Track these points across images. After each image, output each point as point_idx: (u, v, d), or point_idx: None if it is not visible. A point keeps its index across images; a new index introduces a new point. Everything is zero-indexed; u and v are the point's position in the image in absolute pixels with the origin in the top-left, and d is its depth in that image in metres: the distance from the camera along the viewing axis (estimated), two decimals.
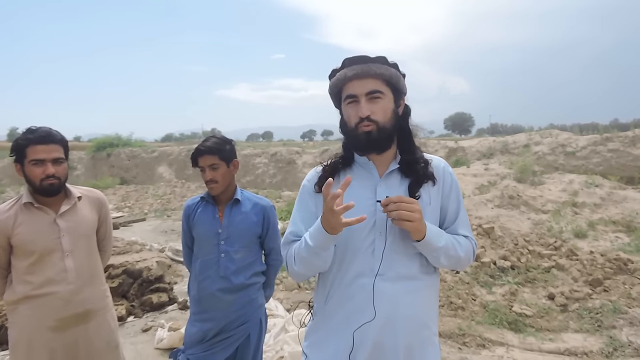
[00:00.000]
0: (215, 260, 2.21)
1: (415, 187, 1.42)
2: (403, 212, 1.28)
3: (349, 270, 1.41)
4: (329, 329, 1.45)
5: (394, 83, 1.42)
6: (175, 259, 6.45)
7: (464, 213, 1.53)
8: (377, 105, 1.39)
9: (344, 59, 1.43)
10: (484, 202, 8.33)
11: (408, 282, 1.39)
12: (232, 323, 2.21)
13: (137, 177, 23.25)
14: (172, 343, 3.71)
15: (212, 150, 2.18)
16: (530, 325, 4.31)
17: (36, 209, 1.98)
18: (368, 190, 1.43)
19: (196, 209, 2.32)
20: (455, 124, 75.09)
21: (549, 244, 6.42)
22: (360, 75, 1.38)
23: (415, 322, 1.40)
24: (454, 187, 1.51)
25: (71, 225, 2.01)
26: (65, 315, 1.96)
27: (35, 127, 1.96)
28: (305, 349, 1.53)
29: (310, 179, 1.53)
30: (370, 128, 1.37)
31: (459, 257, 1.42)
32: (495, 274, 5.52)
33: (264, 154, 22.17)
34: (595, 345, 3.87)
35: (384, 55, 1.41)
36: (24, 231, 1.93)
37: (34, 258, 1.93)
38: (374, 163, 1.46)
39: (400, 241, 1.39)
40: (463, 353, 3.81)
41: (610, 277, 5.16)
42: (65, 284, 1.96)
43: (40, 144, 1.91)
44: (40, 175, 1.92)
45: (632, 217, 7.75)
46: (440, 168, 1.50)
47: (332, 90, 1.47)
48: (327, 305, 1.46)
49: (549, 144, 14.76)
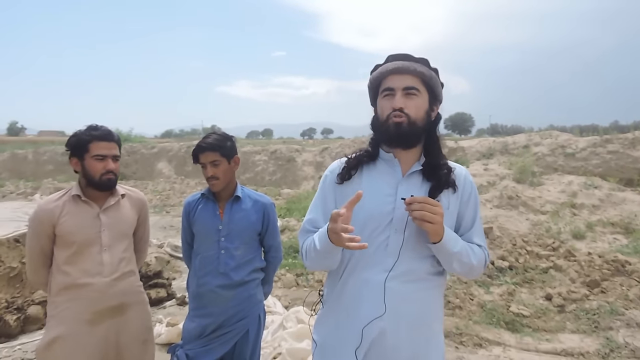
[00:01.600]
0: (215, 257, 2.22)
1: (436, 192, 1.43)
2: (427, 214, 1.29)
3: (359, 263, 1.42)
4: (338, 321, 1.47)
5: (432, 85, 1.45)
6: (174, 255, 6.45)
7: (480, 223, 1.55)
8: (412, 101, 1.41)
9: (388, 55, 1.46)
10: (483, 202, 8.34)
11: (418, 281, 1.41)
12: (231, 319, 2.22)
13: (137, 173, 23.21)
14: (170, 338, 3.72)
15: (213, 147, 2.19)
16: (527, 326, 4.32)
17: (82, 202, 2.07)
18: (389, 187, 1.44)
19: (197, 206, 2.32)
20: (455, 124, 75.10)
21: (547, 244, 6.43)
22: (401, 70, 1.41)
23: (421, 321, 1.42)
24: (473, 196, 1.52)
25: (112, 222, 2.10)
26: (101, 308, 2.03)
27: (97, 125, 2.09)
28: (316, 338, 1.56)
29: (333, 170, 1.56)
30: (402, 120, 1.39)
31: (472, 265, 1.44)
32: (493, 274, 5.54)
33: (263, 151, 22.15)
34: (592, 346, 3.88)
35: (427, 58, 1.44)
36: (67, 221, 2.01)
37: (73, 249, 2.01)
38: (398, 161, 1.47)
39: (416, 241, 1.40)
40: (460, 352, 3.83)
41: (608, 279, 5.17)
42: (100, 277, 2.03)
43: (103, 141, 2.04)
44: (101, 170, 2.03)
45: (630, 218, 7.76)
46: (462, 176, 1.51)
47: (372, 84, 1.49)
48: (337, 296, 1.49)
49: (548, 145, 14.76)
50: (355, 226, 1.33)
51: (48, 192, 13.65)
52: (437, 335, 1.49)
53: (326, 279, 1.59)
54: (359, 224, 1.37)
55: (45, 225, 2.01)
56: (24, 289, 4.11)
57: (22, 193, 14.34)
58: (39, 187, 15.65)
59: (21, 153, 25.69)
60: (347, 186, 1.49)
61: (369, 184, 1.45)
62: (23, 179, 21.12)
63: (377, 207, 1.40)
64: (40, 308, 4.00)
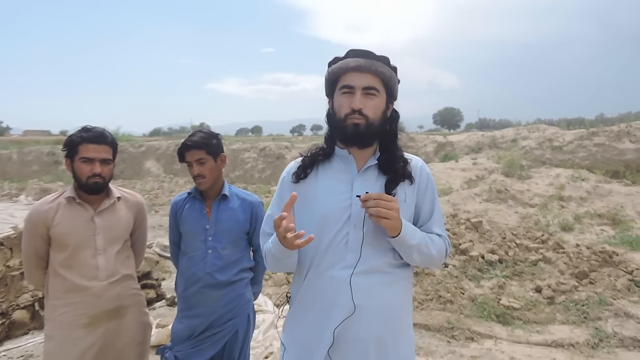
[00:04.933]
0: (203, 257, 2.19)
1: (392, 185, 1.43)
2: (382, 210, 1.30)
3: (322, 262, 1.42)
4: (306, 323, 1.46)
5: (391, 85, 1.45)
6: (163, 255, 6.39)
7: (439, 212, 1.55)
8: (371, 101, 1.41)
9: (349, 49, 1.45)
10: (472, 197, 8.39)
11: (381, 275, 1.41)
12: (220, 319, 2.19)
13: (124, 172, 23.01)
14: (160, 340, 3.68)
15: (199, 145, 2.15)
16: (517, 318, 4.36)
17: (77, 204, 2.05)
18: (345, 184, 1.45)
19: (183, 205, 2.29)
20: (444, 118, 75.49)
21: (536, 237, 6.49)
22: (362, 69, 1.40)
23: (387, 314, 1.41)
24: (430, 187, 1.53)
25: (107, 225, 2.08)
26: (98, 312, 2.02)
27: (91, 126, 2.05)
28: (284, 340, 1.54)
29: (289, 170, 1.56)
30: (360, 121, 1.39)
31: (432, 256, 1.44)
32: (484, 267, 5.56)
33: (252, 148, 22.07)
34: (582, 337, 3.92)
35: (387, 57, 1.44)
36: (61, 224, 2.00)
37: (68, 252, 1.99)
38: (353, 157, 1.47)
39: (375, 235, 1.40)
40: (452, 346, 3.84)
41: (596, 270, 5.24)
42: (96, 281, 2.02)
43: (93, 143, 2.00)
44: (87, 172, 2.00)
45: (617, 210, 7.86)
46: (417, 167, 1.52)
47: (330, 77, 1.47)
48: (303, 296, 1.48)
49: (536, 138, 14.91)
50: (313, 224, 1.40)
51: (33, 193, 13.45)
52: (406, 328, 1.49)
53: (292, 280, 1.58)
54: (317, 223, 1.40)
55: (39, 227, 2.00)
56: (9, 293, 4.03)
57: (7, 194, 14.10)
58: (24, 188, 15.40)
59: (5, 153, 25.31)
60: (303, 185, 1.49)
61: (325, 182, 1.46)
62: (7, 179, 20.80)
63: (333, 205, 1.41)
64: (26, 312, 3.93)
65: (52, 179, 18.73)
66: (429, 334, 4.08)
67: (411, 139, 19.44)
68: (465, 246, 5.92)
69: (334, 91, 1.47)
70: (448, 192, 9.06)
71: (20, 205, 8.46)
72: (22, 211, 6.01)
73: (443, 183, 10.15)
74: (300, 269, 1.49)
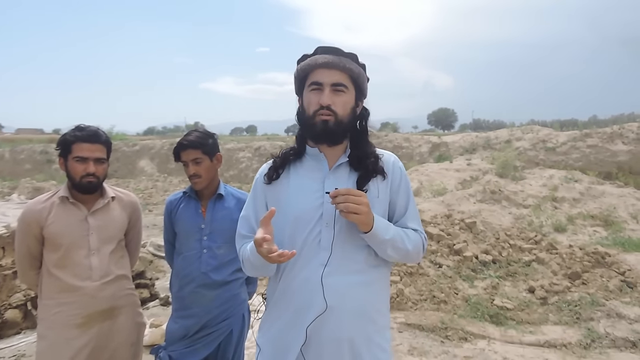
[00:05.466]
0: (198, 256, 2.18)
1: (364, 181, 1.43)
2: (350, 205, 1.30)
3: (296, 262, 1.42)
4: (281, 324, 1.46)
5: (360, 82, 1.46)
6: (157, 254, 6.36)
7: (414, 207, 1.55)
8: (340, 98, 1.41)
9: (318, 46, 1.46)
10: (467, 197, 8.42)
11: (356, 274, 1.41)
12: (215, 319, 2.19)
13: (118, 171, 22.89)
14: (154, 340, 3.66)
15: (194, 144, 2.15)
16: (511, 318, 4.38)
17: (70, 204, 2.03)
18: (316, 182, 1.45)
19: (178, 205, 2.28)
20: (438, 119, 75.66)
21: (529, 238, 6.53)
22: (330, 65, 1.41)
23: (361, 315, 1.41)
24: (404, 182, 1.53)
25: (100, 225, 2.06)
26: (92, 312, 2.00)
27: (84, 125, 2.02)
28: (259, 341, 1.54)
29: (262, 172, 1.57)
30: (329, 118, 1.40)
31: (407, 250, 1.44)
32: (477, 268, 5.59)
33: (247, 148, 22.03)
34: (574, 337, 3.95)
35: (355, 54, 1.45)
36: (55, 223, 1.98)
37: (61, 252, 1.98)
38: (325, 155, 1.47)
39: (348, 233, 1.40)
40: (445, 346, 3.85)
41: (589, 270, 5.27)
42: (90, 281, 2.00)
43: (86, 143, 1.98)
44: (81, 172, 1.98)
45: (609, 211, 7.92)
46: (390, 163, 1.52)
47: (299, 74, 1.47)
48: (279, 297, 1.48)
49: (530, 139, 14.99)
50: (287, 225, 1.42)
51: (26, 191, 13.35)
52: (381, 329, 1.47)
53: (268, 281, 1.58)
54: (291, 223, 1.41)
55: (32, 227, 1.98)
56: (1, 293, 4.01)
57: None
58: (17, 186, 15.29)
59: None
60: (275, 186, 1.50)
61: (297, 181, 1.47)
62: (0, 178, 20.63)
63: (306, 204, 1.42)
64: (18, 312, 3.90)
65: (44, 178, 18.60)
66: (422, 334, 4.09)
67: (406, 139, 19.49)
68: (459, 247, 5.94)
69: (302, 88, 1.48)
70: (442, 193, 9.10)
71: (12, 204, 8.40)
72: (14, 210, 5.97)
73: (437, 183, 10.18)
74: (276, 270, 1.50)
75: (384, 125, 32.84)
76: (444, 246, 6.03)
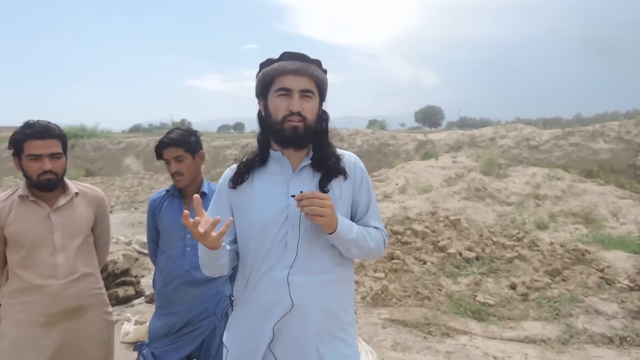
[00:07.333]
0: (181, 254, 2.19)
1: (325, 182, 1.47)
2: (315, 208, 1.34)
3: (263, 264, 1.45)
4: (248, 324, 1.49)
5: (323, 88, 1.51)
6: (143, 252, 6.32)
7: (375, 206, 1.60)
8: (308, 104, 1.45)
9: (284, 52, 1.48)
10: (451, 194, 8.51)
11: (321, 274, 1.45)
12: (198, 316, 2.20)
13: (103, 169, 22.61)
14: (139, 337, 3.66)
15: (176, 142, 2.15)
16: (492, 314, 4.46)
17: (31, 202, 1.97)
18: (281, 185, 1.48)
19: (162, 203, 2.28)
20: (425, 117, 76.05)
21: (512, 235, 6.63)
22: (299, 72, 1.43)
23: (326, 313, 1.45)
24: (365, 182, 1.58)
25: (64, 222, 2.00)
26: (56, 311, 1.96)
27: (33, 121, 1.93)
28: (226, 342, 1.56)
29: (226, 177, 1.58)
30: (299, 124, 1.43)
31: (370, 248, 1.50)
32: (461, 264, 5.67)
33: (234, 145, 21.94)
34: (553, 333, 4.04)
35: (319, 60, 1.49)
36: (15, 223, 1.92)
37: (24, 252, 1.93)
38: (288, 159, 1.50)
39: (313, 234, 1.44)
40: (428, 342, 3.91)
41: (569, 267, 5.38)
42: (55, 280, 1.95)
43: (38, 139, 1.90)
44: (37, 170, 1.91)
45: (590, 209, 8.07)
46: (351, 163, 1.56)
47: (265, 78, 1.48)
48: (246, 298, 1.51)
49: (514, 137, 15.16)
50: (254, 229, 1.45)
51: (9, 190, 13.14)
52: (346, 326, 1.51)
53: (235, 282, 1.61)
54: (257, 227, 1.44)
55: None
56: None
57: None
58: (0, 184, 15.03)
59: None
60: (240, 190, 1.52)
61: (261, 185, 1.49)
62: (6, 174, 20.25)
63: (271, 208, 1.45)
64: None
65: None
66: (406, 329, 4.15)
67: (392, 137, 19.58)
68: (443, 243, 6.02)
69: (266, 92, 1.49)
70: (428, 190, 9.17)
71: None
72: None
73: (423, 181, 10.26)
74: (243, 272, 1.53)
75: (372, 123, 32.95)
76: (428, 243, 6.10)
